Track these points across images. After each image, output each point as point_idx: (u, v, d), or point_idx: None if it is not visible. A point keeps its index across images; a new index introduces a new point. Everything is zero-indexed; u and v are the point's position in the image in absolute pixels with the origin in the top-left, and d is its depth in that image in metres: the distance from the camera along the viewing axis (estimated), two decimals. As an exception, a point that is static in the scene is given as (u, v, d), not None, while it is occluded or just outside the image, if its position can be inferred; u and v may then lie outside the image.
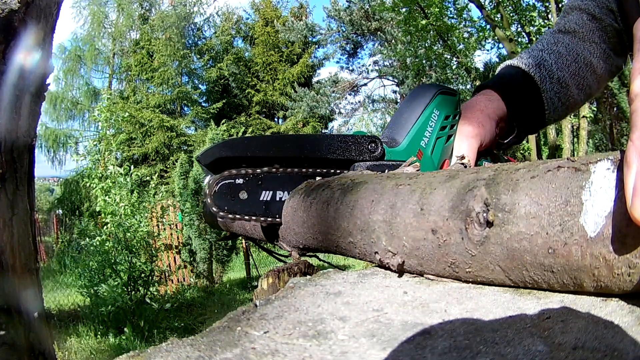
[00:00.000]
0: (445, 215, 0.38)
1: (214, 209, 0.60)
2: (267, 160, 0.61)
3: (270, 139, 0.62)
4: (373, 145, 0.63)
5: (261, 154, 0.60)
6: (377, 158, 0.63)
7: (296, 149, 0.61)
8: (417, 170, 0.57)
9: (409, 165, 0.59)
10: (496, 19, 7.83)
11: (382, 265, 0.46)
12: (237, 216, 0.60)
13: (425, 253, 0.40)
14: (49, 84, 1.20)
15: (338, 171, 0.63)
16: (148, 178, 6.02)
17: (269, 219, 0.62)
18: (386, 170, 0.62)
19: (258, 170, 0.61)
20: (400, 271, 0.43)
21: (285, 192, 0.62)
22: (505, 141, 0.79)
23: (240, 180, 0.60)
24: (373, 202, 0.45)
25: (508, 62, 0.79)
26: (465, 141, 0.70)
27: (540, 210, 0.32)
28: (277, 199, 0.62)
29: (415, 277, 0.43)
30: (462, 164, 0.57)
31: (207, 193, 0.60)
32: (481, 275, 0.37)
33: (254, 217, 0.61)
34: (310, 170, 0.63)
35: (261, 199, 0.61)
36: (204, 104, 16.53)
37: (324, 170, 0.63)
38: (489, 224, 0.34)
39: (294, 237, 0.59)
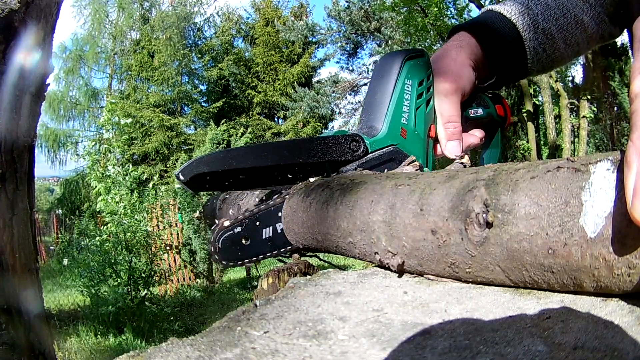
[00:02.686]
0: (445, 216, 0.38)
1: (224, 263, 0.60)
2: (246, 172, 0.58)
3: (246, 150, 0.59)
4: (355, 144, 0.60)
5: (239, 165, 0.57)
6: (361, 156, 0.60)
7: (275, 156, 0.58)
8: (417, 170, 0.57)
9: (408, 164, 0.59)
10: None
11: (382, 266, 0.46)
12: (247, 261, 0.60)
13: (425, 253, 0.40)
14: (49, 84, 1.20)
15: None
16: (148, 176, 6.03)
17: (281, 250, 0.61)
18: (372, 165, 0.61)
19: (250, 211, 0.60)
20: (400, 271, 0.43)
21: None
22: (484, 86, 0.75)
23: (238, 229, 0.59)
24: (372, 203, 0.45)
25: (489, 7, 0.74)
26: (445, 100, 0.66)
27: (540, 210, 0.32)
28: (279, 231, 0.60)
29: (415, 277, 0.44)
30: (462, 163, 0.57)
31: (213, 251, 0.60)
32: (481, 276, 0.37)
33: (261, 256, 0.61)
34: (297, 176, 0.61)
35: (264, 237, 0.60)
36: (204, 104, 16.55)
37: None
38: (489, 224, 0.34)
39: (293, 237, 0.59)
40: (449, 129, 0.67)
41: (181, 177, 0.56)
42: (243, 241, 0.59)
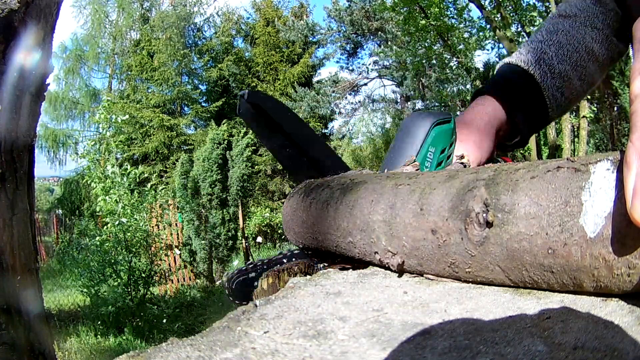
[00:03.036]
0: (445, 216, 0.38)
1: (236, 302, 0.64)
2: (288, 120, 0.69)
3: (303, 124, 0.71)
4: None
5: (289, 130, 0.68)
6: None
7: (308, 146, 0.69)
8: (417, 170, 0.57)
9: (408, 165, 0.59)
10: (496, 19, 7.84)
11: (382, 266, 0.46)
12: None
13: (425, 253, 0.40)
14: (48, 84, 1.20)
15: None
16: (147, 175, 6.02)
17: None
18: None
19: (263, 260, 0.67)
20: (400, 271, 0.43)
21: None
22: (510, 143, 0.78)
23: (252, 274, 0.65)
24: (373, 202, 0.45)
25: (506, 60, 0.75)
26: None
27: (540, 210, 0.32)
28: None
29: (415, 277, 0.44)
30: (462, 163, 0.57)
31: (227, 291, 0.66)
32: (481, 275, 0.37)
33: None
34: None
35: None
36: (204, 104, 16.55)
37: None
38: (489, 224, 0.34)
39: (293, 236, 0.59)
40: None
41: (248, 98, 0.66)
42: (255, 284, 0.63)
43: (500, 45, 9.17)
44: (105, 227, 5.03)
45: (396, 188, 0.44)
